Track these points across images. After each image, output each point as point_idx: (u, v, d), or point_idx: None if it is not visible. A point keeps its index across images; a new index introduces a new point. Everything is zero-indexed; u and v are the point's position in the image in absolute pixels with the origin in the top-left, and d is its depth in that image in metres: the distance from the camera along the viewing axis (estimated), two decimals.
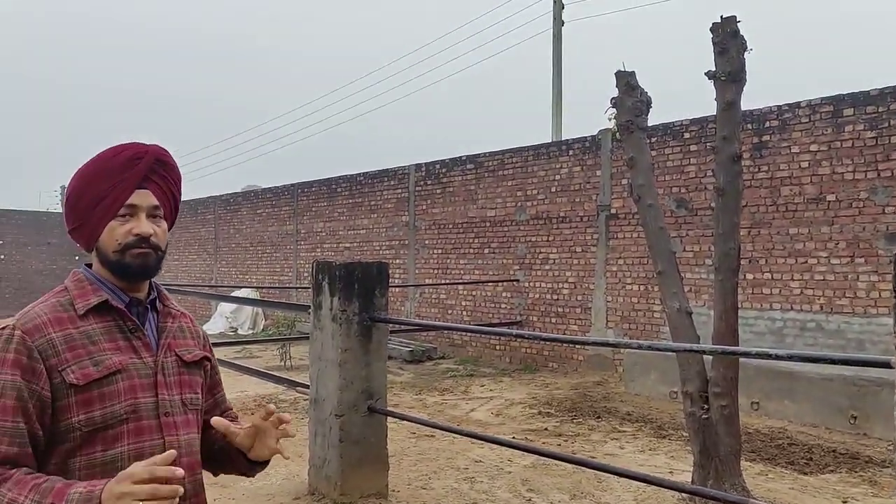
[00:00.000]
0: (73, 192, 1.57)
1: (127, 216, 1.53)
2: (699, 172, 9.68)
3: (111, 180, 1.53)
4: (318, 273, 5.09)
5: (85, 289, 1.54)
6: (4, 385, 1.40)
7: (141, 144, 1.60)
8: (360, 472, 4.85)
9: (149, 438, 1.49)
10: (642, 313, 10.30)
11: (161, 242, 1.57)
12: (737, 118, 4.84)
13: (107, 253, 1.54)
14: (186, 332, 1.69)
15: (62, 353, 1.44)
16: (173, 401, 1.56)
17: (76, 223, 1.57)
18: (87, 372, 1.44)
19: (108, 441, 1.45)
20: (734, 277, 4.80)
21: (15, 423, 1.39)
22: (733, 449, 4.74)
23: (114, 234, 1.52)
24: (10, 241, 26.31)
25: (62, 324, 1.47)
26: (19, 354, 1.41)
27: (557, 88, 17.70)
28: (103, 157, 1.56)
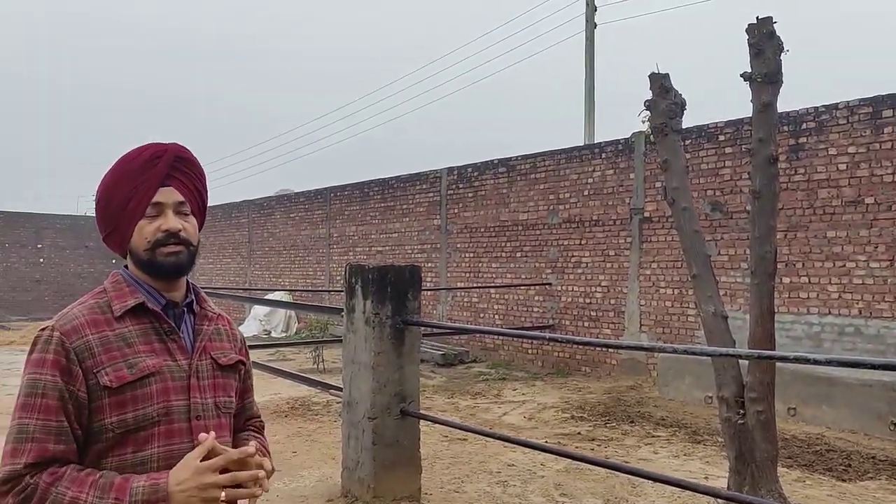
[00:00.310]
0: (101, 198, 1.59)
1: (154, 214, 1.55)
2: (734, 175, 9.56)
3: (135, 181, 1.55)
4: (351, 276, 5.13)
5: (123, 290, 1.56)
6: (46, 385, 1.42)
7: (160, 144, 1.62)
8: (393, 475, 4.86)
9: (178, 441, 1.51)
10: (676, 317, 10.19)
11: (191, 237, 1.59)
12: (773, 120, 4.78)
13: (139, 252, 1.55)
14: (223, 335, 1.70)
15: (98, 356, 1.46)
16: (206, 404, 1.57)
17: (108, 228, 1.59)
18: (121, 374, 1.46)
19: (140, 443, 1.47)
20: (771, 281, 4.74)
21: (59, 422, 1.42)
22: (770, 455, 4.67)
23: (143, 232, 1.54)
24: (49, 244, 26.87)
25: (99, 326, 1.49)
26: (58, 356, 1.44)
27: (590, 91, 17.61)
28: (125, 161, 1.59)
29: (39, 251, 26.69)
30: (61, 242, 27.10)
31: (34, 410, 1.42)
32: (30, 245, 26.51)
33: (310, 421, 7.75)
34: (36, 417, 1.41)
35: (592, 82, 17.67)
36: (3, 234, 26.03)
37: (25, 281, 26.17)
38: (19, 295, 25.78)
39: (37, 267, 26.51)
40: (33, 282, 26.30)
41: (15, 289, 25.86)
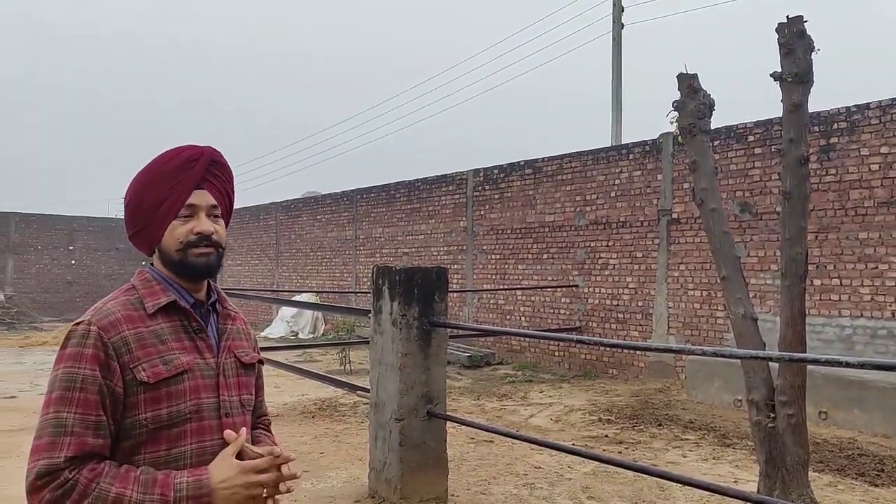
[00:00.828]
0: (133, 196, 1.60)
1: (187, 216, 1.58)
2: (763, 176, 9.46)
3: (170, 182, 1.57)
4: (378, 278, 5.15)
5: (153, 288, 1.57)
6: (85, 379, 1.43)
7: (196, 146, 1.65)
8: (420, 476, 4.88)
9: (210, 438, 1.53)
10: (705, 319, 10.10)
11: (221, 240, 1.62)
12: (804, 120, 4.72)
13: (170, 252, 1.58)
14: (241, 334, 1.72)
15: (134, 351, 1.48)
16: (233, 402, 1.60)
17: (138, 227, 1.61)
18: (158, 371, 1.48)
19: (173, 439, 1.49)
20: (801, 283, 4.68)
21: (98, 417, 1.43)
22: (801, 459, 4.62)
23: (175, 233, 1.57)
24: (80, 246, 27.29)
25: (133, 322, 1.51)
26: (97, 350, 1.45)
27: (617, 92, 17.52)
28: (160, 161, 1.61)
29: (71, 253, 27.13)
30: (93, 245, 27.53)
31: (72, 404, 1.42)
32: (62, 247, 26.96)
33: (337, 422, 7.80)
34: (74, 411, 1.42)
35: (620, 83, 17.58)
36: (37, 236, 26.49)
37: (58, 283, 26.62)
38: (52, 296, 26.23)
39: (69, 269, 26.95)
40: (65, 283, 26.74)
41: (48, 290, 26.31)
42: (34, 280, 26.18)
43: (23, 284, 25.73)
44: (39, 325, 21.58)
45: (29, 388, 10.21)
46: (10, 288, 24.95)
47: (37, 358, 13.64)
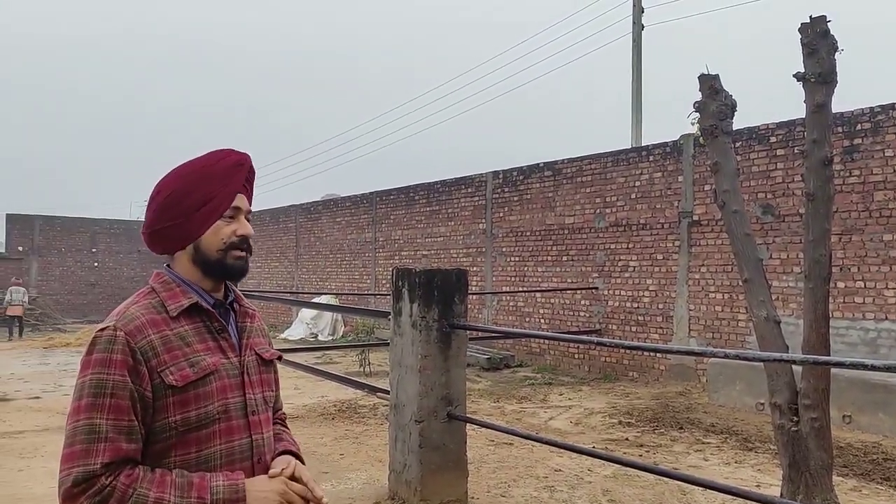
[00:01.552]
0: (175, 190, 1.59)
1: (231, 218, 1.61)
2: (786, 177, 9.37)
3: (217, 184, 1.60)
4: (398, 280, 5.16)
5: (173, 290, 1.58)
6: (116, 384, 1.43)
7: (239, 152, 1.68)
8: (440, 478, 4.87)
9: (238, 438, 1.55)
10: (726, 322, 10.02)
11: (252, 245, 1.67)
12: (827, 121, 4.67)
13: (209, 252, 1.59)
14: (259, 332, 1.73)
15: (161, 355, 1.48)
16: (257, 399, 1.61)
17: (169, 222, 1.59)
18: (185, 373, 1.49)
19: (202, 441, 1.50)
20: (825, 285, 4.62)
21: (131, 422, 1.43)
22: (825, 463, 4.56)
23: (219, 233, 1.59)
24: (103, 248, 27.61)
25: (158, 325, 1.51)
26: (125, 356, 1.45)
27: (637, 93, 17.43)
28: (208, 162, 1.63)
29: (94, 255, 27.46)
30: (115, 247, 27.84)
31: (104, 410, 1.42)
32: (85, 250, 27.30)
33: (356, 423, 7.81)
34: (107, 417, 1.42)
35: (640, 84, 17.49)
36: (61, 239, 26.84)
37: (81, 284, 26.95)
38: (75, 298, 26.55)
39: (92, 271, 27.27)
40: (88, 285, 27.06)
41: (71, 292, 26.64)
42: (58, 282, 26.52)
43: (47, 286, 26.07)
44: (63, 327, 21.83)
45: (53, 388, 10.33)
46: (35, 290, 25.27)
47: (61, 359, 13.80)
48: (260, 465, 1.57)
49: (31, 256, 26.24)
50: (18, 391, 9.99)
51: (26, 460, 6.31)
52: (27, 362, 13.32)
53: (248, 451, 1.55)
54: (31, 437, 7.24)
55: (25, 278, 25.47)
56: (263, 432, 1.61)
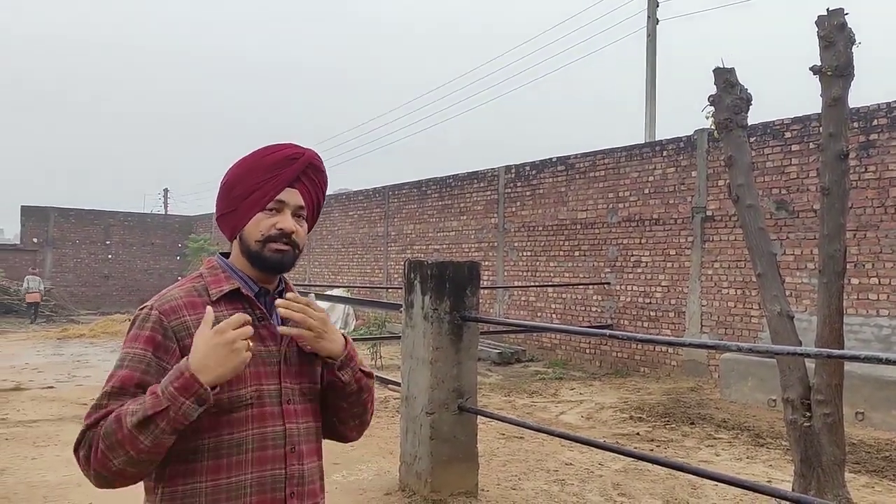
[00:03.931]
0: (229, 180, 1.65)
1: (274, 211, 1.61)
2: (801, 173, 9.31)
3: (266, 175, 1.61)
4: (410, 272, 5.16)
5: (218, 276, 1.62)
6: (133, 357, 1.49)
7: (299, 147, 1.69)
8: (451, 470, 4.88)
9: (271, 424, 1.55)
10: (739, 318, 9.97)
11: (300, 241, 1.65)
12: (844, 115, 4.63)
13: (249, 242, 1.61)
14: None
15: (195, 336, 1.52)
16: (294, 389, 1.62)
17: (226, 210, 1.65)
18: None
19: (234, 424, 1.51)
20: (839, 281, 4.59)
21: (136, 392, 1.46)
22: (837, 459, 4.53)
23: (259, 225, 1.60)
24: (117, 241, 27.77)
25: (196, 308, 1.55)
26: (154, 332, 1.50)
27: (651, 88, 17.34)
28: (262, 153, 1.65)
29: (108, 248, 27.62)
30: (129, 239, 28.00)
31: (114, 379, 1.49)
32: (99, 242, 27.46)
33: None
34: (113, 385, 1.48)
35: (654, 79, 17.40)
36: (75, 230, 27.01)
37: (95, 276, 27.13)
38: (89, 290, 26.74)
39: (105, 263, 27.44)
40: (102, 277, 27.24)
41: (85, 284, 26.82)
42: (72, 274, 26.70)
43: (61, 278, 26.26)
44: (76, 318, 21.99)
45: (67, 378, 10.41)
46: (49, 281, 25.46)
47: (74, 350, 13.91)
48: (293, 454, 1.57)
49: (45, 248, 26.43)
50: (32, 381, 10.07)
51: (40, 449, 6.36)
52: (42, 353, 13.42)
53: (280, 439, 1.56)
54: (45, 426, 7.30)
55: (40, 269, 25.68)
56: (299, 422, 1.61)
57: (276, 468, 1.54)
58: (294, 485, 1.56)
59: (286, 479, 1.55)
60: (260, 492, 1.52)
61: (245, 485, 1.51)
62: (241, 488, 1.50)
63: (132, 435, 1.38)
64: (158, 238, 28.65)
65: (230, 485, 1.50)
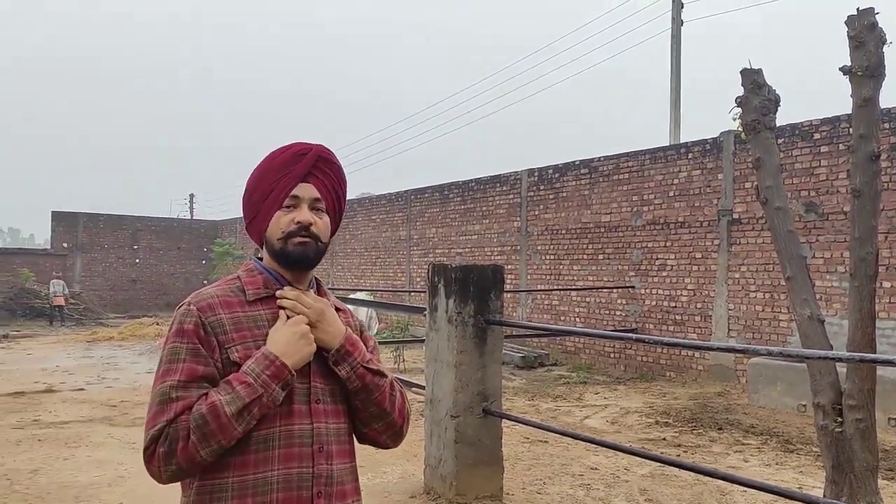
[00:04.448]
0: (248, 187, 1.70)
1: (291, 207, 1.64)
2: (830, 175, 9.18)
3: (278, 174, 1.65)
4: (434, 275, 5.16)
5: (255, 278, 1.67)
6: (188, 350, 1.53)
7: (306, 143, 1.72)
8: (475, 473, 4.87)
9: (299, 422, 1.56)
10: (767, 322, 9.85)
11: (321, 233, 1.67)
12: (874, 115, 4.56)
13: (272, 241, 1.65)
14: None
15: (230, 333, 1.56)
16: (324, 389, 1.63)
17: (251, 216, 1.70)
18: (250, 353, 1.55)
19: (262, 421, 1.52)
20: (871, 284, 4.52)
21: (201, 385, 1.50)
22: (869, 465, 4.46)
23: (279, 223, 1.64)
24: (144, 245, 28.10)
25: (231, 307, 1.60)
26: (197, 327, 1.54)
27: (676, 90, 17.22)
28: (272, 156, 1.69)
29: (135, 252, 27.95)
30: (156, 244, 28.32)
31: (177, 373, 1.51)
32: (127, 246, 27.79)
33: None
34: (178, 380, 1.50)
35: (679, 81, 17.28)
36: (104, 235, 27.37)
37: (123, 280, 27.46)
38: (117, 294, 27.07)
39: (133, 267, 27.77)
40: (130, 281, 27.56)
41: (113, 287, 27.16)
42: (101, 278, 27.05)
43: (90, 282, 26.61)
44: (105, 321, 22.27)
45: (97, 381, 10.54)
46: (78, 285, 25.82)
47: (104, 352, 14.08)
48: (321, 453, 1.58)
49: (75, 253, 26.80)
50: (64, 383, 10.21)
51: (71, 449, 6.44)
52: (72, 355, 13.60)
53: (308, 437, 1.56)
54: (77, 427, 7.39)
55: (70, 274, 26.03)
56: (328, 422, 1.61)
57: (302, 466, 1.54)
58: (322, 484, 1.56)
59: (313, 477, 1.55)
60: (286, 489, 1.52)
61: (271, 481, 1.52)
62: (267, 484, 1.51)
63: (230, 424, 1.45)
64: (185, 242, 28.94)
65: (256, 480, 1.51)
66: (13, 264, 24.83)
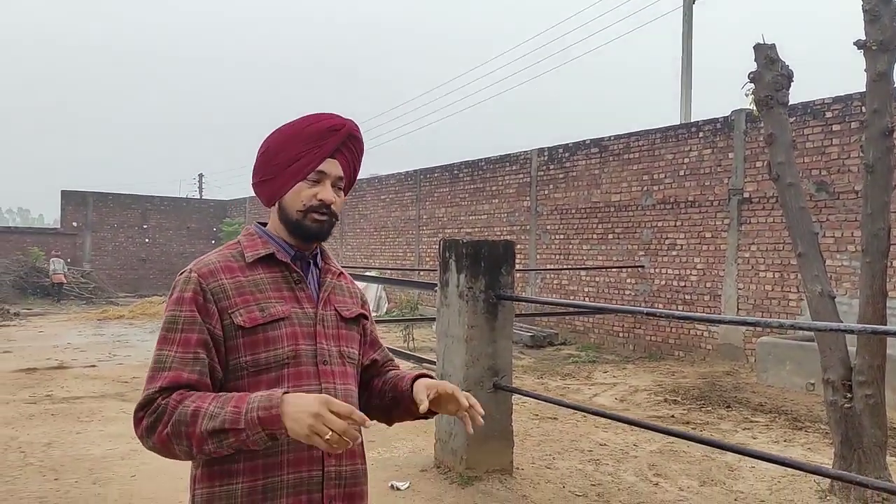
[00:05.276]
0: (269, 147, 1.67)
1: (315, 181, 1.64)
2: (842, 153, 9.12)
3: (309, 145, 1.64)
4: (445, 251, 5.17)
5: (255, 241, 1.66)
6: (185, 320, 1.53)
7: (340, 117, 1.71)
8: (486, 448, 4.90)
9: (307, 384, 1.57)
10: (777, 301, 9.84)
11: (338, 211, 1.68)
12: (888, 90, 4.53)
13: (290, 211, 1.64)
14: (345, 291, 1.77)
15: (232, 298, 1.56)
16: (331, 351, 1.64)
17: (265, 177, 1.68)
18: (254, 316, 1.55)
19: (271, 383, 1.53)
20: (883, 260, 4.52)
21: (196, 353, 1.51)
22: (878, 440, 4.48)
23: (300, 195, 1.63)
24: (154, 225, 28.20)
25: (232, 272, 1.60)
26: (196, 294, 1.54)
27: (687, 68, 17.09)
28: (304, 123, 1.68)
29: (145, 231, 28.05)
30: (165, 223, 28.41)
31: (173, 343, 1.51)
32: (136, 226, 27.90)
33: None
34: (174, 350, 1.51)
35: (690, 59, 17.14)
36: (113, 214, 27.47)
37: (132, 259, 27.59)
38: (126, 273, 27.20)
39: (143, 246, 27.89)
40: (139, 260, 27.70)
41: (123, 267, 27.29)
42: (110, 257, 27.18)
43: (100, 261, 26.74)
44: (115, 300, 22.41)
45: (108, 357, 10.63)
46: (88, 264, 25.96)
47: (114, 330, 14.19)
48: None
49: (84, 232, 26.91)
50: (75, 360, 10.30)
51: (84, 424, 6.52)
52: (83, 333, 13.72)
53: None
54: (89, 402, 7.48)
55: (79, 253, 26.19)
56: (336, 383, 1.62)
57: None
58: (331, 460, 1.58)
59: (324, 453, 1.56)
60: (296, 449, 1.54)
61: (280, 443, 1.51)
62: (276, 446, 1.51)
63: (202, 437, 1.41)
64: (194, 222, 29.02)
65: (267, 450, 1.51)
66: (24, 243, 24.97)
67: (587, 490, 4.84)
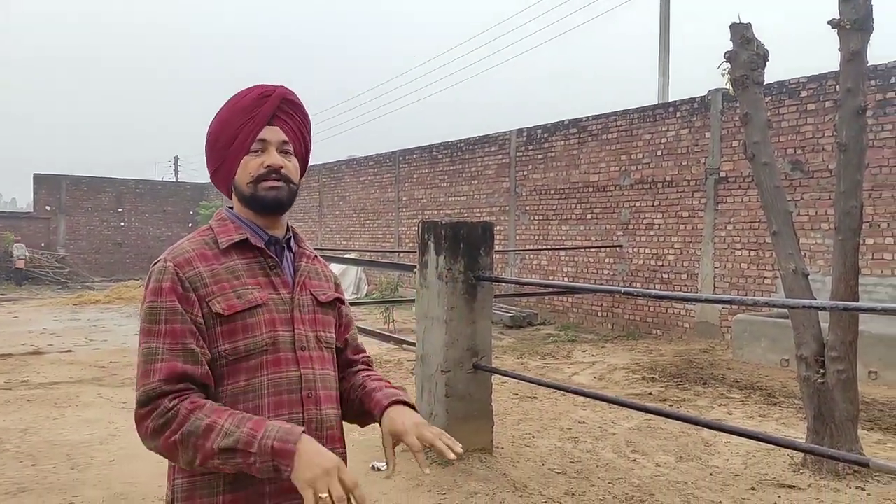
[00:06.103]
0: (210, 134, 1.65)
1: (259, 151, 1.61)
2: (816, 132, 9.22)
3: (243, 118, 1.61)
4: (424, 232, 5.17)
5: (227, 227, 1.63)
6: (168, 310, 1.49)
7: (268, 85, 1.68)
8: (466, 427, 4.93)
9: (286, 370, 1.56)
10: (752, 280, 9.96)
11: (292, 175, 1.64)
12: (862, 69, 4.58)
13: (242, 187, 1.62)
14: (320, 275, 1.75)
15: (209, 286, 1.53)
16: (308, 336, 1.62)
17: (216, 164, 1.66)
18: (232, 304, 1.53)
19: (251, 371, 1.52)
20: (855, 238, 4.58)
21: (185, 344, 1.48)
22: (850, 415, 4.57)
23: (247, 167, 1.61)
24: (129, 209, 27.86)
25: (208, 259, 1.56)
26: (174, 284, 1.51)
27: (664, 48, 17.12)
28: (235, 99, 1.65)
29: (120, 215, 27.72)
30: (141, 207, 28.08)
31: (159, 335, 1.48)
32: (111, 209, 27.55)
33: None
34: (162, 341, 1.47)
35: (667, 40, 17.16)
36: (88, 198, 27.10)
37: (108, 244, 27.28)
38: (102, 257, 26.90)
39: (118, 230, 27.57)
40: (115, 244, 27.38)
41: (98, 251, 26.98)
42: (85, 241, 26.85)
43: (74, 245, 26.42)
44: (91, 285, 22.19)
45: (84, 343, 10.54)
46: (63, 249, 25.65)
47: (90, 315, 14.06)
48: (310, 399, 1.58)
49: (58, 216, 26.55)
50: (51, 345, 10.21)
51: (61, 409, 6.47)
52: (59, 318, 13.58)
53: (296, 384, 1.56)
54: (65, 387, 7.42)
55: (53, 237, 25.85)
56: (315, 368, 1.61)
57: (293, 413, 1.54)
58: (312, 430, 1.55)
59: (304, 423, 1.53)
60: None
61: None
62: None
63: (213, 452, 1.38)
64: (170, 205, 28.73)
65: None
66: None
67: (566, 467, 4.89)
